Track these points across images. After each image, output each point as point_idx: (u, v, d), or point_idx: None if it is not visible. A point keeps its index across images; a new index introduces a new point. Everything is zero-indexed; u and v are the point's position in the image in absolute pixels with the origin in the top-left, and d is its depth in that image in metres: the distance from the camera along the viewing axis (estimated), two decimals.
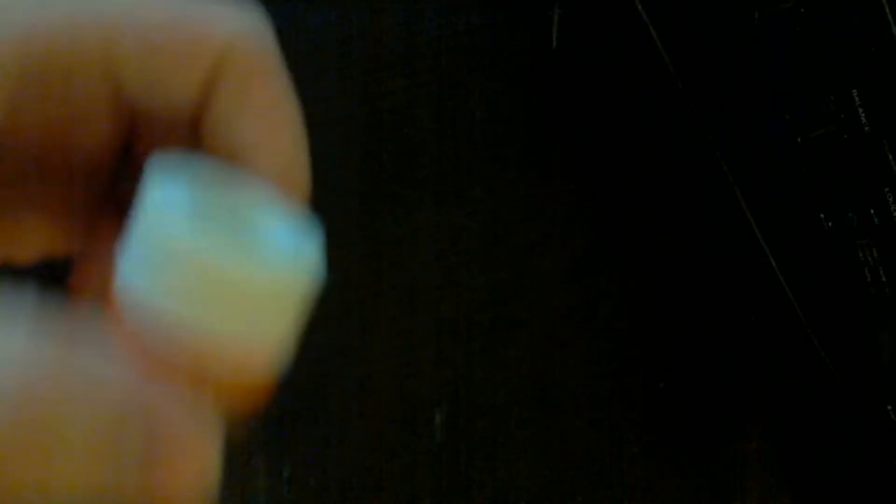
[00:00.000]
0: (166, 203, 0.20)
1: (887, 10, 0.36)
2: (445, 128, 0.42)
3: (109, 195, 0.24)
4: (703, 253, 0.45)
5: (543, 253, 0.43)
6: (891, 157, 0.37)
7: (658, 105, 0.43)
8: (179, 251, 0.19)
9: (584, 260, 0.43)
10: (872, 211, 0.38)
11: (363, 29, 0.40)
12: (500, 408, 0.42)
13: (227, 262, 0.19)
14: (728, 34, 0.39)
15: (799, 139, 0.39)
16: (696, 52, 0.40)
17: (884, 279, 0.38)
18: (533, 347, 0.43)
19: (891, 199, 0.37)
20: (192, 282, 0.19)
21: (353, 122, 0.40)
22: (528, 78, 0.43)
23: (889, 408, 0.40)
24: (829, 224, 0.39)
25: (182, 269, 0.19)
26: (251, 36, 0.23)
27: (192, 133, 0.23)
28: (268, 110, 0.23)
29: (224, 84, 0.22)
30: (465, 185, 0.42)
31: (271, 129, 0.23)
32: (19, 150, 0.22)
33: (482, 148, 0.42)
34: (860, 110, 0.37)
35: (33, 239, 0.24)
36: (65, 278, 0.25)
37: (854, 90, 0.37)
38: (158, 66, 0.22)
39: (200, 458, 0.19)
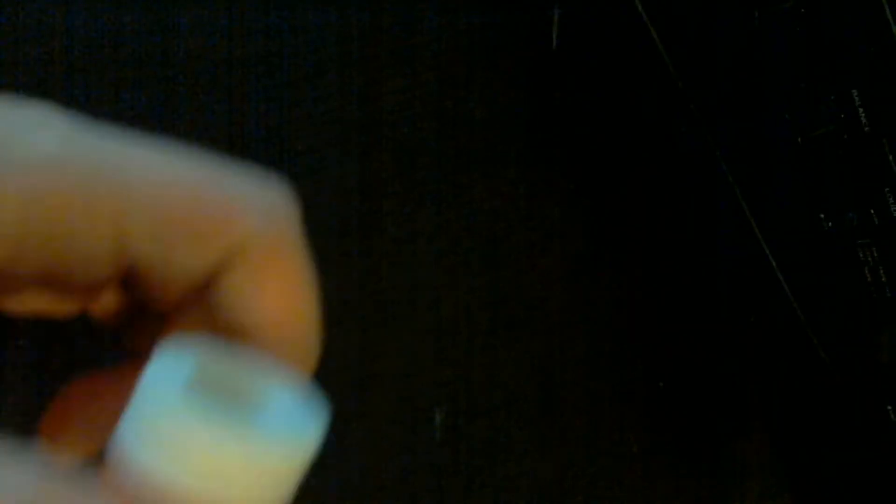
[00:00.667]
0: (168, 376, 0.20)
1: (887, 10, 0.36)
2: (445, 128, 0.42)
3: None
4: (703, 253, 0.45)
5: (543, 253, 0.43)
6: (891, 157, 0.37)
7: (658, 105, 0.43)
8: (177, 422, 0.20)
9: (584, 260, 0.43)
10: (872, 211, 0.38)
11: (363, 29, 0.40)
12: (500, 408, 0.42)
13: (226, 437, 0.20)
14: (728, 34, 0.39)
15: (799, 139, 0.39)
16: (696, 52, 0.40)
17: (884, 279, 0.38)
18: (533, 347, 0.43)
19: (891, 199, 0.37)
20: (188, 453, 0.20)
21: (353, 122, 0.40)
22: (528, 78, 0.43)
23: (889, 408, 0.40)
24: (829, 224, 0.39)
25: (179, 439, 0.20)
26: (275, 222, 0.22)
27: (198, 297, 0.23)
28: (283, 295, 0.23)
29: (238, 267, 0.22)
30: (465, 185, 0.42)
31: (284, 313, 0.23)
32: (22, 274, 0.22)
33: (482, 148, 0.42)
34: (860, 110, 0.37)
35: (30, 302, 0.24)
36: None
37: (854, 90, 0.37)
38: (170, 243, 0.21)
39: None
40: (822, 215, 0.39)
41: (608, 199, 0.44)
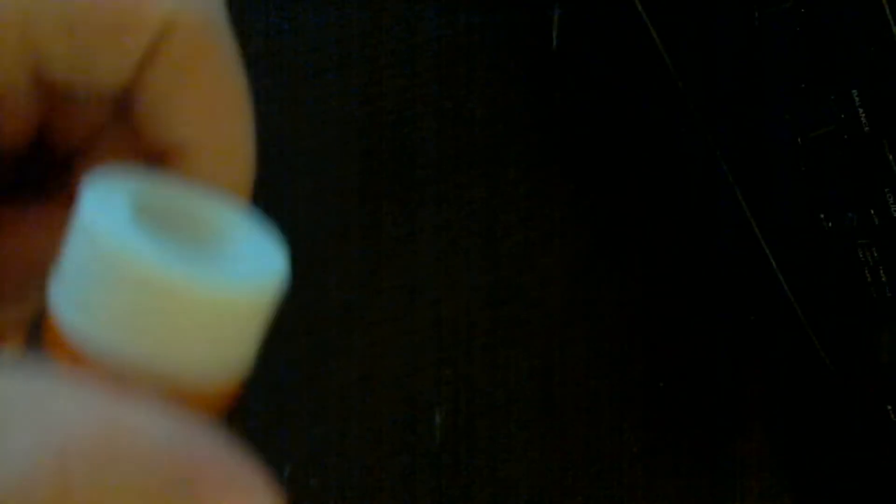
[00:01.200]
0: (106, 215, 0.17)
1: (887, 10, 0.36)
2: (445, 128, 0.42)
3: (14, 184, 0.22)
4: (703, 253, 0.45)
5: (543, 253, 0.43)
6: (891, 157, 0.37)
7: (658, 105, 0.43)
8: (123, 267, 0.17)
9: (584, 260, 0.43)
10: (872, 211, 0.38)
11: (363, 29, 0.40)
12: (500, 408, 0.42)
13: (178, 279, 0.17)
14: (728, 34, 0.39)
15: (799, 139, 0.39)
16: (696, 52, 0.40)
17: (884, 279, 0.38)
18: (533, 347, 0.43)
19: (891, 199, 0.37)
20: (138, 301, 0.17)
21: (353, 122, 0.40)
22: (528, 78, 0.43)
23: (889, 408, 0.40)
24: (829, 224, 0.39)
25: (126, 286, 0.17)
26: (195, 9, 0.20)
27: (118, 118, 0.21)
28: (210, 97, 0.20)
29: (161, 66, 0.20)
30: (465, 185, 0.42)
31: (213, 118, 0.20)
32: None
33: (482, 148, 0.42)
34: (860, 110, 0.37)
35: None
36: None
37: (854, 90, 0.37)
38: (84, 43, 0.19)
39: (248, 490, 0.16)
40: (822, 215, 0.39)
41: (608, 199, 0.44)
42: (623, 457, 0.44)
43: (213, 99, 0.20)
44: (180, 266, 0.17)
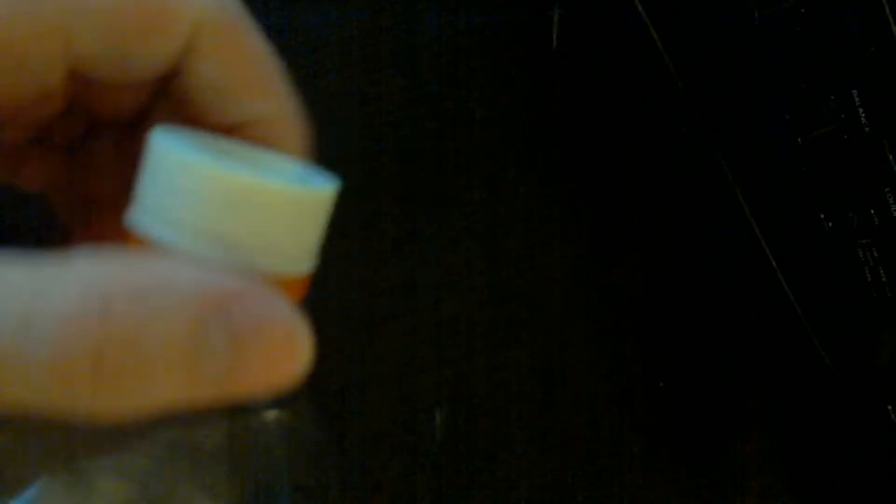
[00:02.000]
0: (175, 144, 0.20)
1: (887, 10, 0.36)
2: (445, 128, 0.42)
3: (84, 136, 0.25)
4: (703, 253, 0.45)
5: (543, 253, 0.43)
6: (891, 157, 0.37)
7: (658, 105, 0.43)
8: (197, 173, 0.19)
9: (584, 260, 0.43)
10: (872, 211, 0.38)
11: (363, 29, 0.40)
12: (500, 408, 0.42)
13: (247, 177, 0.19)
14: (728, 34, 0.39)
15: (799, 139, 0.39)
16: (696, 52, 0.40)
17: (884, 279, 0.38)
18: (533, 347, 0.43)
19: (891, 199, 0.37)
20: (215, 200, 0.19)
21: (353, 122, 0.40)
22: (528, 78, 0.43)
23: (889, 408, 0.40)
24: (829, 224, 0.39)
25: (203, 189, 0.19)
26: (218, 5, 0.22)
27: (156, 90, 0.23)
28: (258, 76, 0.22)
29: (203, 58, 0.22)
30: (465, 186, 0.42)
31: (267, 94, 0.22)
32: None
33: (482, 148, 0.42)
34: (860, 110, 0.37)
35: None
36: None
37: (854, 90, 0.37)
38: (123, 44, 0.21)
39: (290, 338, 0.18)
40: (822, 215, 0.39)
41: (608, 200, 0.44)
42: (623, 457, 0.44)
43: (261, 77, 0.22)
44: (252, 172, 0.20)
